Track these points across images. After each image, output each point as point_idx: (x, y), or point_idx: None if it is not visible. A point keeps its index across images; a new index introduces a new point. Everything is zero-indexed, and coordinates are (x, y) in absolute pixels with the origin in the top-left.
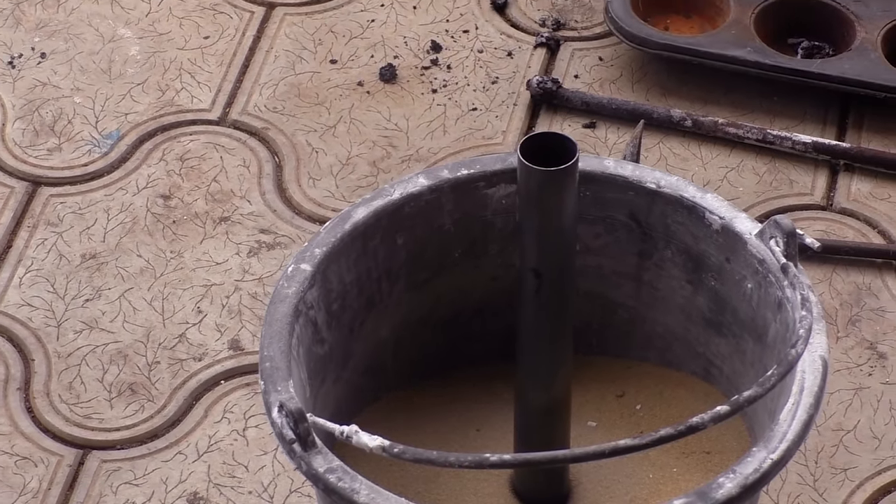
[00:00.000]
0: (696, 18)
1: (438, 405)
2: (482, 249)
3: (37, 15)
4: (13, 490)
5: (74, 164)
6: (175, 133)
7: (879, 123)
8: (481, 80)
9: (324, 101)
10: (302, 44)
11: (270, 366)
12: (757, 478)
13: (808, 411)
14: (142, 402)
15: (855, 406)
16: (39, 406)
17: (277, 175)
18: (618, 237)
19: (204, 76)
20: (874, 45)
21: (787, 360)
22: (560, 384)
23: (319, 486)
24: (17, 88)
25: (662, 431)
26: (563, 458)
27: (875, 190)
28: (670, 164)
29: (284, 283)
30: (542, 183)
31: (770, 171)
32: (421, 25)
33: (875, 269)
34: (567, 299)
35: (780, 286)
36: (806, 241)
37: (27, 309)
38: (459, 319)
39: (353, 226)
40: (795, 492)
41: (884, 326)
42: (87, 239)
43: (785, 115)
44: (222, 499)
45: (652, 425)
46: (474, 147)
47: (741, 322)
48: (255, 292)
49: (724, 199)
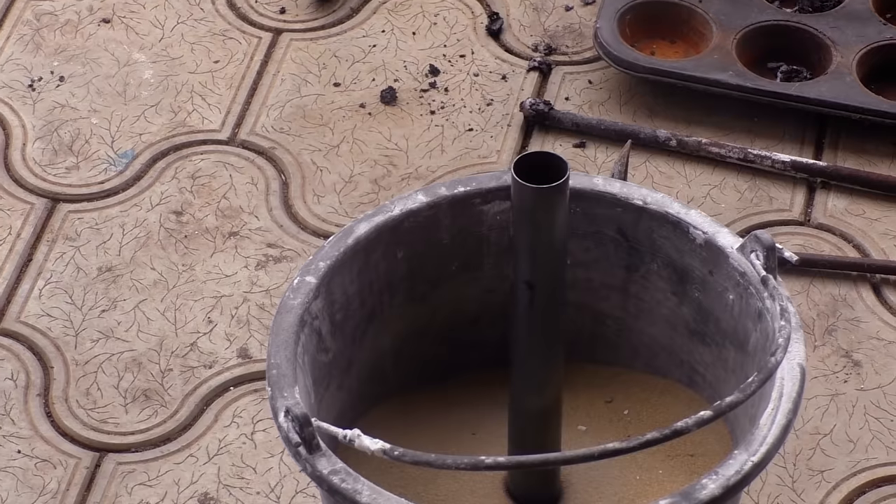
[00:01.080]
0: (680, 44)
1: (436, 410)
2: (478, 263)
3: (56, 40)
4: (33, 491)
5: (91, 181)
6: (187, 152)
7: (854, 143)
8: (477, 102)
9: (328, 122)
10: (307, 68)
11: (277, 373)
12: (738, 479)
13: (787, 416)
14: (155, 407)
15: (831, 411)
16: (58, 411)
17: (284, 192)
18: (606, 251)
19: (214, 98)
20: (849, 68)
21: (767, 368)
22: (552, 390)
23: (324, 487)
24: (37, 110)
25: (649, 435)
26: (554, 460)
27: (850, 206)
28: (656, 182)
29: (290, 294)
30: (534, 200)
31: (751, 189)
32: (420, 50)
33: (850, 282)
34: (558, 310)
35: (761, 297)
36: (785, 254)
37: (46, 319)
38: (456, 329)
39: (355, 240)
40: (775, 492)
41: (858, 336)
42: (103, 253)
43: (765, 136)
44: (231, 499)
45: (639, 429)
46: (470, 166)
47: (723, 332)
48: (262, 303)
49: (707, 214)
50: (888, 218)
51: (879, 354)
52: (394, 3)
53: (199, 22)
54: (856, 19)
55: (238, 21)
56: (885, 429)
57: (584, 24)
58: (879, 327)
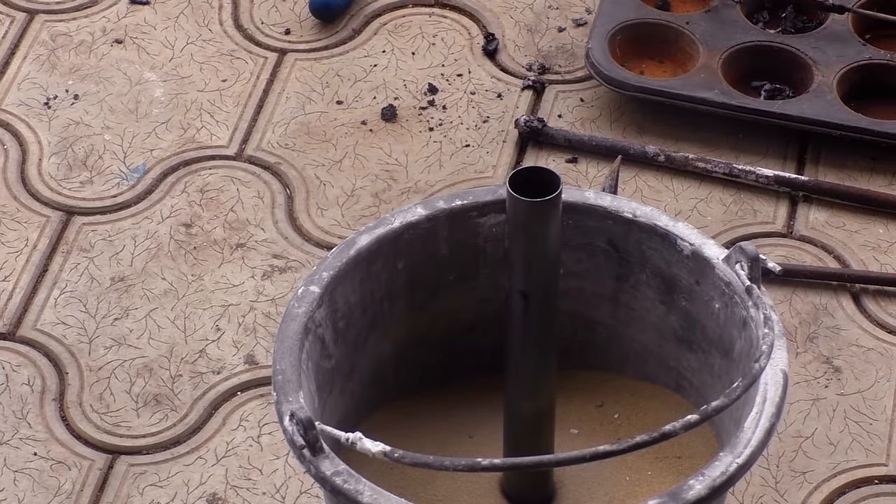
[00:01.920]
0: (668, 63)
1: (435, 414)
2: (475, 273)
3: (70, 60)
4: (49, 491)
5: (104, 195)
6: (196, 167)
7: (835, 159)
8: (474, 120)
9: (331, 138)
10: (311, 86)
11: (282, 378)
12: (724, 480)
13: (771, 420)
14: (165, 411)
15: (812, 415)
16: (73, 415)
17: (289, 205)
18: (597, 262)
19: (222, 116)
20: (830, 87)
21: (752, 374)
22: (545, 395)
23: (327, 487)
24: (53, 127)
25: (638, 438)
26: (547, 461)
27: (831, 219)
28: (645, 196)
29: (295, 303)
30: (528, 213)
31: (736, 202)
32: (419, 70)
33: (831, 291)
34: (551, 318)
35: (745, 306)
36: (768, 265)
37: (62, 327)
38: (454, 336)
39: (357, 251)
40: (759, 493)
41: (839, 343)
42: (115, 263)
43: (749, 151)
44: (239, 499)
45: (628, 433)
46: (467, 180)
47: (709, 339)
48: (268, 312)
49: (693, 227)
50: (867, 230)
51: (859, 361)
52: (394, 25)
53: (207, 42)
54: (836, 40)
55: (245, 42)
56: (864, 432)
57: (576, 44)
58: (859, 335)
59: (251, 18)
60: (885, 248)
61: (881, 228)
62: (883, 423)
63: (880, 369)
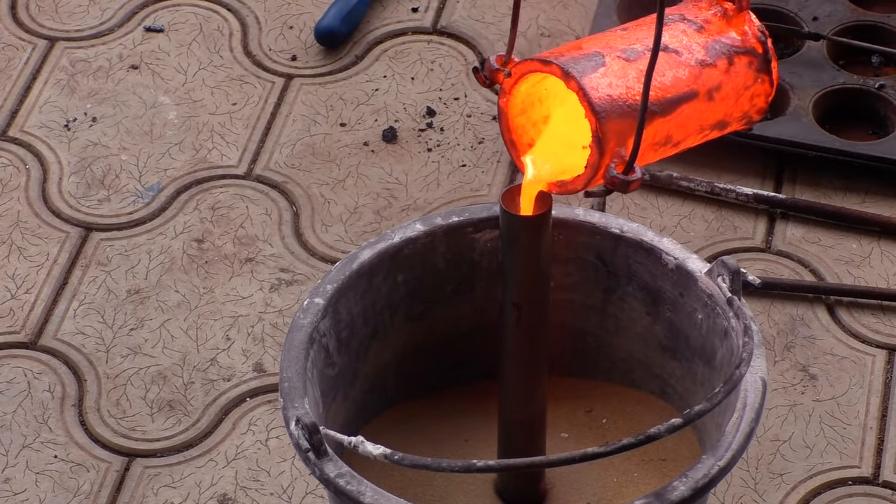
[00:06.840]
0: None
1: (433, 419)
2: (470, 286)
3: (89, 85)
4: (68, 492)
5: (121, 212)
6: (207, 186)
7: (810, 178)
8: (470, 141)
9: (335, 158)
10: (316, 109)
11: (289, 385)
12: (706, 482)
13: (750, 424)
14: (179, 416)
15: (790, 420)
16: (91, 420)
17: (295, 222)
18: (586, 275)
19: (232, 137)
20: (806, 110)
21: (732, 380)
22: (537, 401)
23: (331, 488)
24: (72, 148)
25: (625, 441)
26: (539, 463)
27: (807, 235)
28: (632, 213)
29: (301, 314)
30: (521, 228)
31: (717, 219)
32: (418, 93)
33: (807, 303)
34: (543, 328)
35: (727, 317)
36: (748, 278)
37: (80, 336)
38: (451, 345)
39: (359, 265)
40: (739, 493)
41: (814, 352)
42: (131, 277)
43: (730, 171)
44: (248, 500)
45: (616, 436)
46: (464, 198)
47: (693, 348)
48: (275, 322)
49: (677, 242)
50: (841, 245)
51: (833, 368)
52: (395, 51)
53: (218, 68)
54: (812, 66)
55: (254, 67)
56: (838, 436)
57: None
58: (833, 344)
59: (259, 45)
60: (858, 262)
61: (854, 244)
62: (856, 428)
63: (854, 377)
